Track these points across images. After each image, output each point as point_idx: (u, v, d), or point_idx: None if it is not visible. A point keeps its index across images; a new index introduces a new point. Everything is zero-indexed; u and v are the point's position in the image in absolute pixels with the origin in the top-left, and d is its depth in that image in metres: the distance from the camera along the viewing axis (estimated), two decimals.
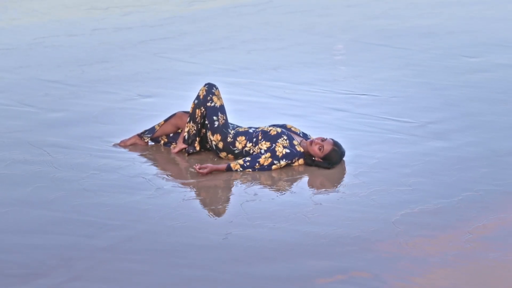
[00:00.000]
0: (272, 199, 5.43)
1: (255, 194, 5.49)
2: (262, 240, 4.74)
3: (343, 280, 4.29)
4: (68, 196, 5.38)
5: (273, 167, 5.91)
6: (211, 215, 5.19)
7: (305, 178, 5.84)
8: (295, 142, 6.00)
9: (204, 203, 5.40)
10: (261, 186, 5.66)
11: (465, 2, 13.97)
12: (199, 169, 5.78)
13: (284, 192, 5.57)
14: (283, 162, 5.93)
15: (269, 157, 5.91)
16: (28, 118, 7.17)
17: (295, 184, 5.73)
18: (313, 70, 9.09)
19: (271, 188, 5.64)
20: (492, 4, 13.75)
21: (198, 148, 6.22)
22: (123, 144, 6.40)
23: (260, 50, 10.22)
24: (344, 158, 6.07)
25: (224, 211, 5.25)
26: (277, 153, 5.92)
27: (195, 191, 5.56)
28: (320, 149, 5.95)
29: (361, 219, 5.03)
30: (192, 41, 10.79)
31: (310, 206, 5.27)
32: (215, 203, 5.41)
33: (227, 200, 5.51)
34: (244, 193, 5.53)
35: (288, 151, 5.94)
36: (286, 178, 5.81)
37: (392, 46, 10.33)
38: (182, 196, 5.44)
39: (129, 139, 6.42)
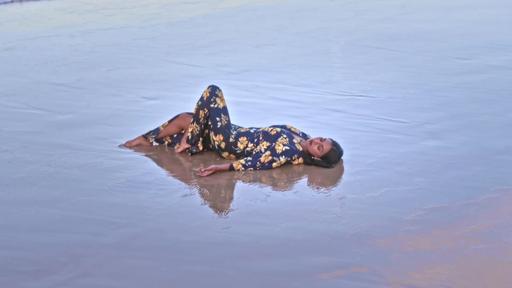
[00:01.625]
0: (273, 197, 5.46)
1: (257, 193, 5.53)
2: (263, 237, 4.78)
3: (342, 275, 4.34)
4: (76, 195, 5.41)
5: (274, 164, 5.95)
6: (214, 213, 5.22)
7: (305, 177, 5.87)
8: (294, 141, 6.03)
9: (207, 202, 5.43)
10: (262, 184, 5.69)
11: (455, 6, 14.00)
12: (203, 172, 5.81)
13: (284, 191, 5.60)
14: (282, 159, 5.98)
15: (269, 155, 5.93)
16: (36, 120, 7.19)
17: (295, 182, 5.77)
18: (311, 72, 9.08)
19: (272, 186, 5.67)
20: (480, 8, 13.77)
21: (201, 148, 6.25)
22: (128, 145, 6.44)
23: (258, 53, 10.19)
24: (342, 158, 6.12)
25: (226, 209, 5.27)
26: (277, 151, 5.95)
27: (198, 190, 5.58)
28: (319, 149, 6.00)
29: (358, 216, 5.06)
30: (189, 43, 10.78)
31: (310, 204, 5.30)
32: (218, 202, 5.43)
33: (230, 198, 5.53)
34: (246, 192, 5.57)
35: (287, 148, 5.96)
36: (286, 177, 5.84)
37: (387, 49, 10.31)
38: (186, 195, 5.48)
39: (134, 140, 6.47)
